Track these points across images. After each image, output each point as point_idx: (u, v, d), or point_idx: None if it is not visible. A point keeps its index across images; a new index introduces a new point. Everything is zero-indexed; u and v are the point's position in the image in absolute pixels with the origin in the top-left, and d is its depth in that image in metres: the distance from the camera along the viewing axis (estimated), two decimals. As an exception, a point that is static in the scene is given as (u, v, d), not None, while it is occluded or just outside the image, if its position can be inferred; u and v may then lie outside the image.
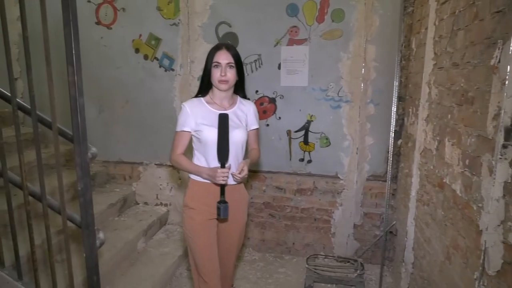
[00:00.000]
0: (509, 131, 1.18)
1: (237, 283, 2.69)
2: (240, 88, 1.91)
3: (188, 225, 1.83)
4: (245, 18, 2.93)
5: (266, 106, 3.04)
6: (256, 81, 2.99)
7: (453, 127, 1.66)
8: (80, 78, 1.10)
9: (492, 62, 1.29)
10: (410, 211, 2.32)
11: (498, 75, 1.24)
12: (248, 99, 1.97)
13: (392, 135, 2.65)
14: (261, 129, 2.93)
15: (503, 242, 1.22)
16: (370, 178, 2.98)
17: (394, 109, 2.63)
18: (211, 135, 1.73)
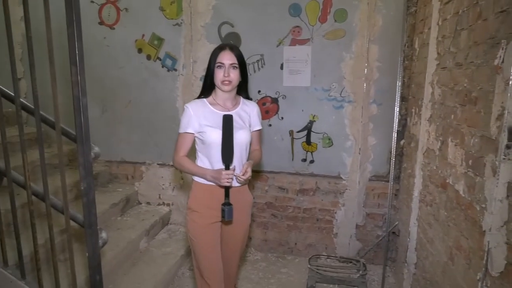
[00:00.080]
0: (513, 132, 1.18)
1: (239, 283, 2.70)
2: (244, 89, 1.88)
3: (192, 229, 1.81)
4: (248, 18, 2.93)
5: (269, 106, 3.04)
6: (259, 81, 2.99)
7: (456, 128, 1.66)
8: (83, 78, 1.11)
9: (496, 62, 1.28)
10: (413, 212, 2.31)
11: (502, 75, 1.24)
12: (251, 99, 1.95)
13: (395, 136, 2.65)
14: (264, 129, 2.93)
15: (507, 243, 1.21)
16: (373, 179, 2.97)
17: (397, 109, 2.63)
18: (215, 137, 1.71)
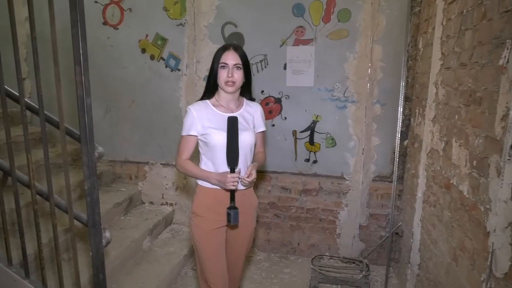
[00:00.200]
0: (518, 132, 1.17)
1: (242, 283, 2.69)
2: (247, 90, 1.85)
3: (196, 234, 1.78)
4: (251, 18, 2.93)
5: (272, 106, 3.03)
6: (262, 81, 2.99)
7: (461, 128, 1.65)
8: (87, 78, 1.11)
9: (501, 62, 1.27)
10: (417, 212, 2.30)
11: (507, 75, 1.23)
12: (254, 100, 1.92)
13: (399, 136, 2.64)
14: (267, 129, 2.92)
15: (511, 244, 1.20)
16: (376, 179, 2.96)
17: (401, 110, 2.62)
18: (219, 139, 1.68)
